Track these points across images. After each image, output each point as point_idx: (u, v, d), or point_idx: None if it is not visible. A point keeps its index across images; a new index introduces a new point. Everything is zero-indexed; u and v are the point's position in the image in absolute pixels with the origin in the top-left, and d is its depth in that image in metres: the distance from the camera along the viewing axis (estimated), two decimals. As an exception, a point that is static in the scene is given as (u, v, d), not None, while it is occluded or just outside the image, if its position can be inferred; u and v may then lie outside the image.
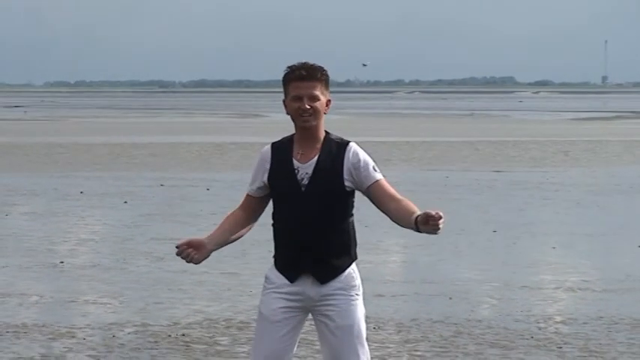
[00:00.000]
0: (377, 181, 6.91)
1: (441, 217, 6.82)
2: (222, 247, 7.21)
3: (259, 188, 6.87)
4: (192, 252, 6.97)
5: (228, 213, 7.05)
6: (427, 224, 6.81)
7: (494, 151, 52.76)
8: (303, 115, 6.78)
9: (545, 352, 14.30)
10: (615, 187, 36.12)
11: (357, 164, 6.84)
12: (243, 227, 7.02)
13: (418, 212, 6.87)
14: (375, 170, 6.92)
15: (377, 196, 6.91)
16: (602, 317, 16.35)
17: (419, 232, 6.90)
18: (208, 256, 7.06)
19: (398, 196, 6.97)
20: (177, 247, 7.00)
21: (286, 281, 6.80)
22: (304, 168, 6.78)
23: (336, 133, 7.16)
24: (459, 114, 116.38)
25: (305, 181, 6.77)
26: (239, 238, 7.14)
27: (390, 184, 7.01)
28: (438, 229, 6.82)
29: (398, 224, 7.00)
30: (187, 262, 6.94)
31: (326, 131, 6.90)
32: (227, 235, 7.02)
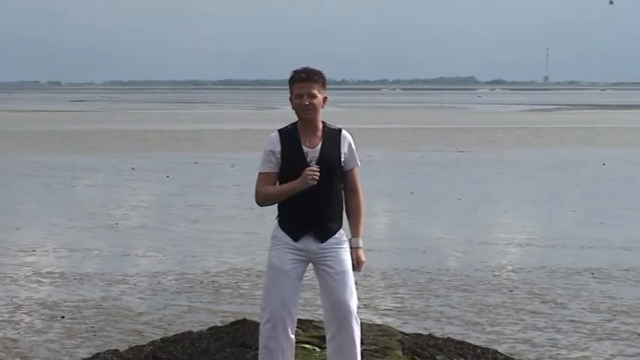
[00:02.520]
0: (353, 169, 6.92)
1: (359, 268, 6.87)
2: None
3: (276, 164, 6.85)
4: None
5: (261, 191, 6.87)
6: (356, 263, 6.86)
7: (459, 136, 52.73)
8: (305, 109, 6.80)
9: (499, 294, 14.32)
10: (555, 164, 36.12)
11: (348, 148, 6.87)
12: None
13: (355, 239, 6.85)
14: (356, 158, 6.93)
15: (347, 180, 6.91)
16: (544, 267, 16.37)
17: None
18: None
19: (358, 187, 6.95)
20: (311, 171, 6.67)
21: (291, 239, 6.81)
22: (312, 152, 6.79)
23: (336, 122, 7.16)
24: (431, 106, 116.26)
25: (313, 162, 6.78)
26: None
27: (358, 173, 6.99)
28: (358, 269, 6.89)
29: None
30: (312, 180, 6.63)
31: (322, 121, 6.92)
32: None
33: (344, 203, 6.91)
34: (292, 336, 6.83)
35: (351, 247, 6.84)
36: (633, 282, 15.20)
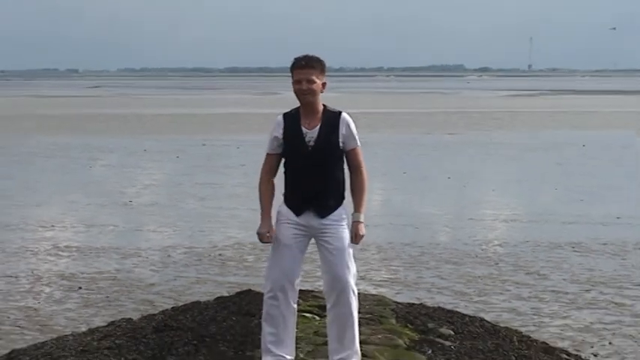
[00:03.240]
0: (354, 148, 6.86)
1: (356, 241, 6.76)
2: None
3: (278, 146, 6.82)
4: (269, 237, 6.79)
5: (264, 181, 6.86)
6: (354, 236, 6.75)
7: (449, 119, 52.67)
8: (303, 94, 6.77)
9: (485, 267, 14.32)
10: (538, 145, 36.09)
11: (347, 130, 6.82)
12: (274, 189, 6.93)
13: (356, 213, 6.75)
14: (356, 138, 6.88)
15: (350, 160, 6.86)
16: (528, 241, 16.37)
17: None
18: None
19: (360, 166, 6.86)
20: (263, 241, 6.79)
21: (294, 215, 6.79)
22: (311, 133, 6.75)
23: (335, 106, 7.12)
24: (423, 92, 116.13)
25: (311, 143, 6.73)
26: None
27: (360, 152, 6.92)
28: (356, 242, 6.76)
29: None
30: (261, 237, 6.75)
31: (324, 105, 6.87)
32: (272, 203, 6.92)
33: (349, 181, 6.89)
34: (294, 305, 6.82)
35: (352, 221, 6.81)
36: (611, 255, 15.21)
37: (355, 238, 6.77)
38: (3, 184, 24.46)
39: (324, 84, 6.87)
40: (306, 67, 6.79)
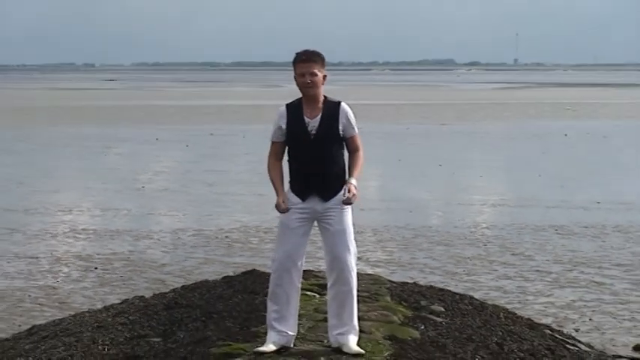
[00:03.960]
0: (353, 136, 6.85)
1: (348, 196, 6.65)
2: None
3: (282, 135, 6.80)
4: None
5: (272, 165, 6.85)
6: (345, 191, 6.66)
7: (440, 110, 52.61)
8: (306, 86, 6.75)
9: (474, 248, 14.32)
10: (523, 134, 36.06)
11: (346, 119, 6.80)
12: (282, 170, 6.93)
13: (349, 178, 6.70)
14: (354, 126, 6.85)
15: (349, 145, 6.83)
16: (514, 224, 16.36)
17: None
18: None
19: (358, 149, 6.82)
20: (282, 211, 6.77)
21: (299, 200, 6.77)
22: (312, 122, 6.74)
23: (333, 97, 7.09)
24: (416, 85, 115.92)
25: (313, 131, 6.72)
26: None
27: (358, 138, 6.88)
28: (348, 199, 6.65)
29: None
30: (278, 209, 6.73)
31: (324, 95, 6.85)
32: (283, 180, 6.89)
33: (348, 161, 6.87)
34: (298, 284, 6.82)
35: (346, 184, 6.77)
36: (591, 237, 15.21)
37: (347, 193, 6.69)
38: (24, 171, 24.46)
39: (324, 76, 6.85)
40: (307, 61, 6.77)
